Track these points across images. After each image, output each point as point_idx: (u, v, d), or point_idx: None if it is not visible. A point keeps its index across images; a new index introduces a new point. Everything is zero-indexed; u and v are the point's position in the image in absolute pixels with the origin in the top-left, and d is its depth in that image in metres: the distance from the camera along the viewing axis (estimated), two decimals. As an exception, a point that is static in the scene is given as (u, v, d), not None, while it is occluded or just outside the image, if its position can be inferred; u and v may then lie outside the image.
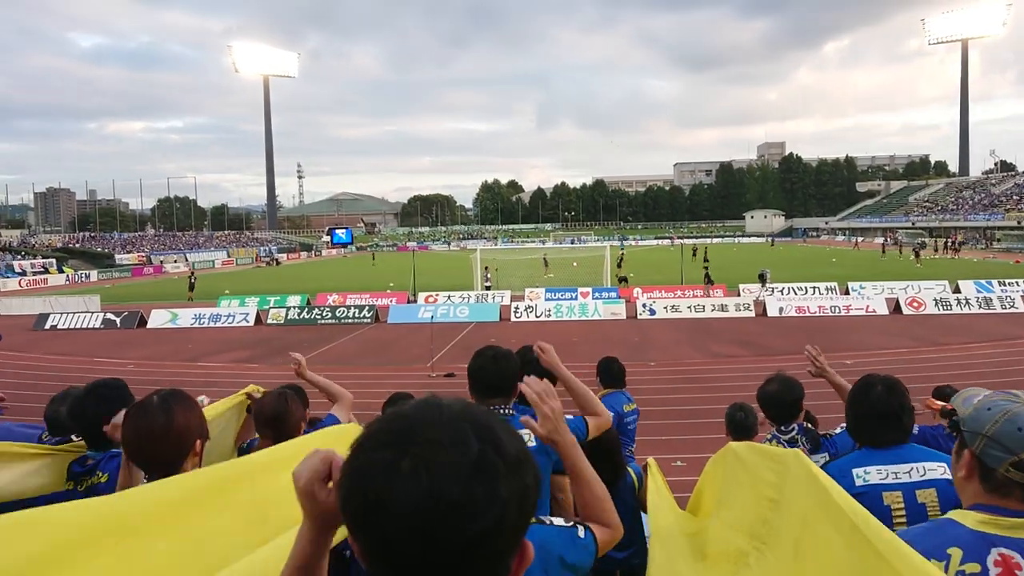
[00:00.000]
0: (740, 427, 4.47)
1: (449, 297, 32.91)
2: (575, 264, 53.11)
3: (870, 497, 2.71)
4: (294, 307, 31.86)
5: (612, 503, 2.08)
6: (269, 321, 29.68)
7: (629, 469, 4.32)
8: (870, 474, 2.87)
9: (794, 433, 4.02)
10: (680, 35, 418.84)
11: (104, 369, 19.75)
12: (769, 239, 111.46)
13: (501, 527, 0.87)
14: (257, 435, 4.04)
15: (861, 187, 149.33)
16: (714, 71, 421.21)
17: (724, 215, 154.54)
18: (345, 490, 0.88)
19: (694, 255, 62.13)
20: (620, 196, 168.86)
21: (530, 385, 2.06)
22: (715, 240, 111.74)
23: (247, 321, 29.63)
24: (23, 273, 63.47)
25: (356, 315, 29.87)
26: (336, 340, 24.65)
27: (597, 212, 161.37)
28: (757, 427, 4.62)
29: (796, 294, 31.84)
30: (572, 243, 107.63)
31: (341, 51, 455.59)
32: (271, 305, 32.69)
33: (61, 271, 67.38)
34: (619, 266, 41.88)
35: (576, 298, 32.08)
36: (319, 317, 29.94)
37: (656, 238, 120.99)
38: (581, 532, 1.90)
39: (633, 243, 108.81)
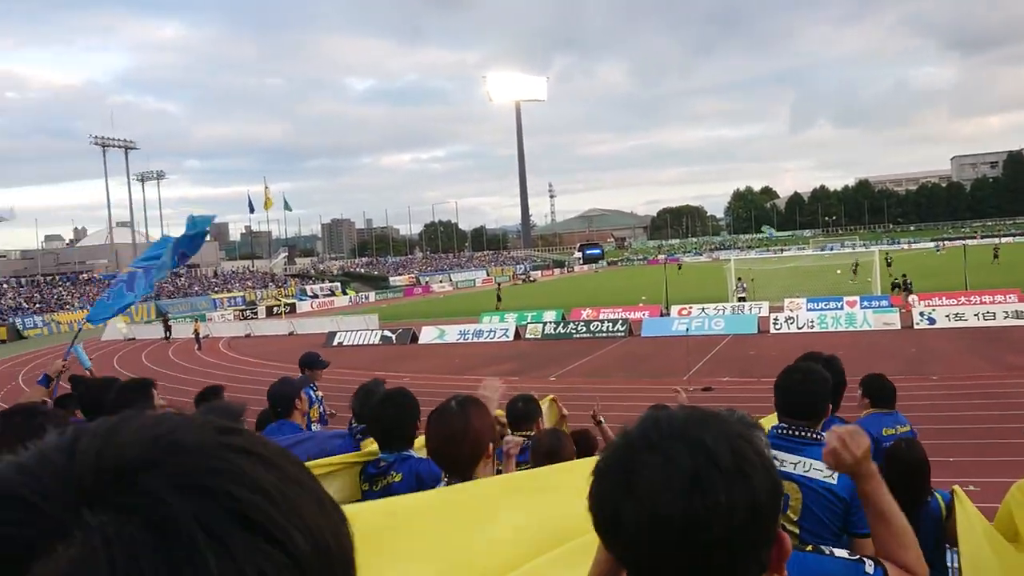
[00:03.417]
0: None
1: (703, 309, 32.27)
2: (839, 272, 49.86)
3: None
4: (550, 322, 32.93)
5: (916, 543, 1.86)
6: (527, 336, 30.91)
7: (937, 495, 3.84)
8: None
9: None
10: (953, 15, 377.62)
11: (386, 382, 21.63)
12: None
13: (731, 536, 0.91)
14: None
15: None
16: (996, 50, 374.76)
17: (1014, 211, 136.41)
18: (592, 512, 1.00)
19: (995, 258, 55.75)
20: (888, 196, 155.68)
21: (836, 433, 1.85)
22: (1005, 239, 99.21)
23: (507, 336, 31.08)
24: (315, 296, 71.42)
25: (610, 329, 30.21)
26: (591, 354, 25.10)
27: (861, 215, 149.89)
28: None
29: (1113, 297, 27.56)
30: (833, 249, 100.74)
31: (587, 71, 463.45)
32: (528, 320, 33.96)
33: (345, 293, 74.84)
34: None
35: (842, 307, 30.02)
36: (574, 331, 30.66)
37: (932, 240, 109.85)
38: (869, 567, 1.71)
39: (905, 247, 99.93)
